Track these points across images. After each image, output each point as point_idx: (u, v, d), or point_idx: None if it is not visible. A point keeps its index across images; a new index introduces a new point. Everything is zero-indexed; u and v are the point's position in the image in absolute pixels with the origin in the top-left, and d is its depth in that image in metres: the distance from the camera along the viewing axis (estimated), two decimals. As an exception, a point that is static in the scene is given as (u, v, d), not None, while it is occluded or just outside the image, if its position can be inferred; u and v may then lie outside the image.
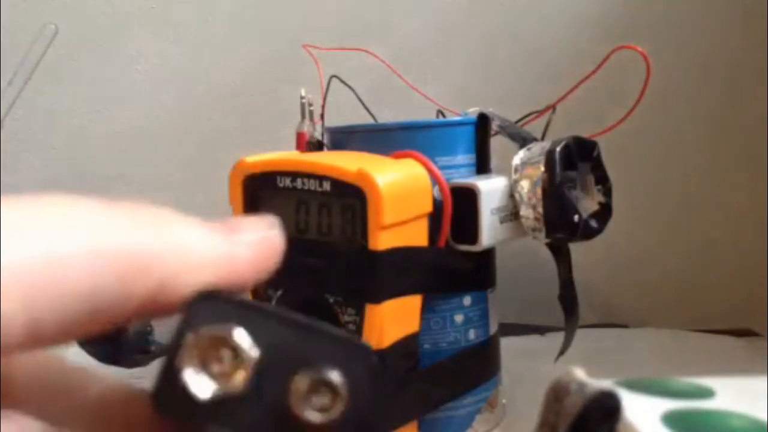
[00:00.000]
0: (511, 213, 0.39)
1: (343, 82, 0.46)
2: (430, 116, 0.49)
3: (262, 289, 0.40)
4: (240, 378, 0.14)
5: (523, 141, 0.41)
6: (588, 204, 0.40)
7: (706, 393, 0.17)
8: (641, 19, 0.64)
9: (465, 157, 0.40)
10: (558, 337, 0.45)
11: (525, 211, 0.38)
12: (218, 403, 0.14)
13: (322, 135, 0.44)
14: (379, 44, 0.64)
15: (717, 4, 0.64)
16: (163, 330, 0.66)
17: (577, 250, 0.42)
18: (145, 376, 0.55)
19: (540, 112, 0.43)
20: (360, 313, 0.36)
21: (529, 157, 0.39)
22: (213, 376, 0.14)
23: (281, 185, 0.38)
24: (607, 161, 0.41)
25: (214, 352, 0.14)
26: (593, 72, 0.40)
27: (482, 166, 0.41)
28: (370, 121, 0.48)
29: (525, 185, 0.38)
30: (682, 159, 0.66)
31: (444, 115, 0.48)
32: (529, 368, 0.49)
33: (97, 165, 0.66)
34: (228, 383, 0.14)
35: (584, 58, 0.59)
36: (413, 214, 0.36)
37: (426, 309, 0.38)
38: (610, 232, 0.40)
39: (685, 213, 0.66)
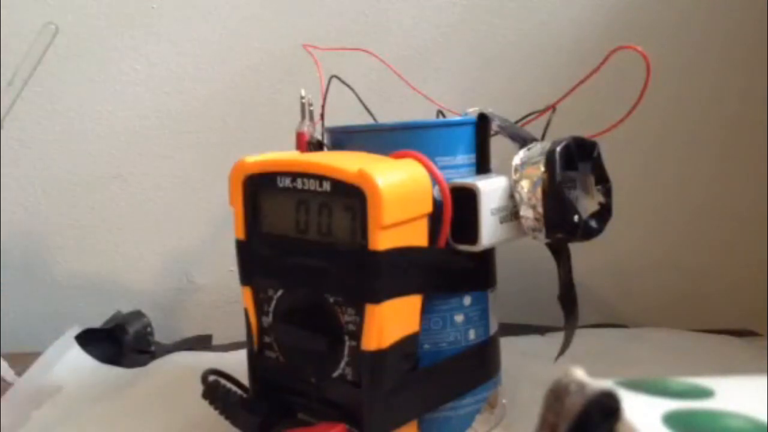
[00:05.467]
0: (511, 213, 0.39)
1: (343, 82, 0.46)
2: (430, 116, 0.49)
3: (263, 290, 0.40)
4: None
5: (523, 141, 0.41)
6: (588, 204, 0.40)
7: (706, 393, 0.17)
8: (641, 19, 0.64)
9: (465, 157, 0.40)
10: (558, 337, 0.45)
11: (525, 211, 0.38)
12: None
13: (322, 135, 0.44)
14: (379, 44, 0.64)
15: (717, 4, 0.64)
16: (163, 330, 0.66)
17: (578, 250, 0.42)
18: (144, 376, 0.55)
19: (540, 112, 0.43)
20: (360, 313, 0.36)
21: (529, 157, 0.39)
22: None
23: (281, 185, 0.38)
24: (607, 162, 0.41)
25: None
26: (593, 72, 0.40)
27: (482, 166, 0.41)
28: (370, 121, 0.48)
29: (525, 185, 0.38)
30: (682, 160, 0.66)
31: (444, 115, 0.48)
32: (529, 368, 0.49)
33: (97, 165, 0.66)
34: None
35: (584, 58, 0.59)
36: (413, 214, 0.36)
37: (426, 309, 0.38)
38: (610, 233, 0.40)
39: (685, 214, 0.66)
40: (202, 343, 0.65)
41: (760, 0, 0.63)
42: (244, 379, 0.42)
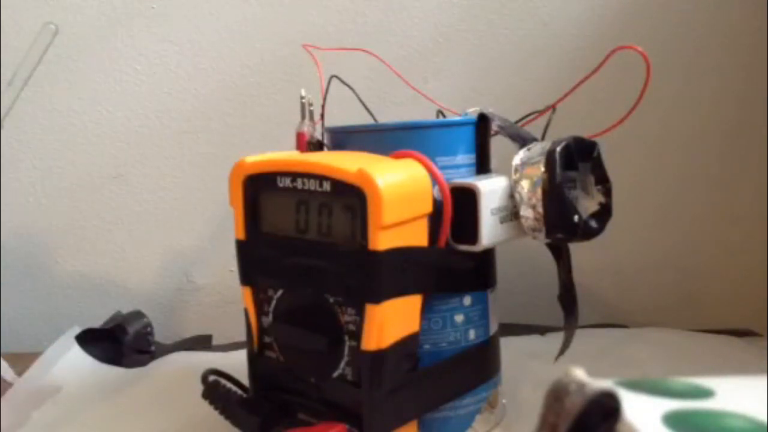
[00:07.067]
0: (511, 213, 0.39)
1: (343, 82, 0.46)
2: (430, 116, 0.49)
3: (263, 290, 0.40)
4: None
5: (523, 141, 0.41)
6: (588, 204, 0.40)
7: (706, 393, 0.17)
8: (641, 19, 0.64)
9: (465, 157, 0.40)
10: (558, 337, 0.45)
11: (525, 211, 0.38)
12: None
13: (322, 135, 0.45)
14: (379, 44, 0.64)
15: (717, 5, 0.64)
16: (163, 330, 0.66)
17: (578, 250, 0.42)
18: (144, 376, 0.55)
19: (540, 112, 0.43)
20: (360, 313, 0.36)
21: (529, 157, 0.39)
22: None
23: (281, 185, 0.38)
24: (607, 162, 0.41)
25: None
26: (593, 72, 0.40)
27: (482, 166, 0.41)
28: (370, 121, 0.48)
29: (525, 185, 0.38)
30: (682, 160, 0.66)
31: (444, 115, 0.48)
32: (529, 368, 0.49)
33: (97, 165, 0.66)
34: None
35: (584, 58, 0.59)
36: (413, 214, 0.36)
37: (426, 309, 0.38)
38: (610, 233, 0.40)
39: (685, 214, 0.66)
40: (202, 343, 0.65)
41: (760, 0, 0.63)
42: (244, 379, 0.42)
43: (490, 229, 0.38)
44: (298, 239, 0.38)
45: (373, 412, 0.36)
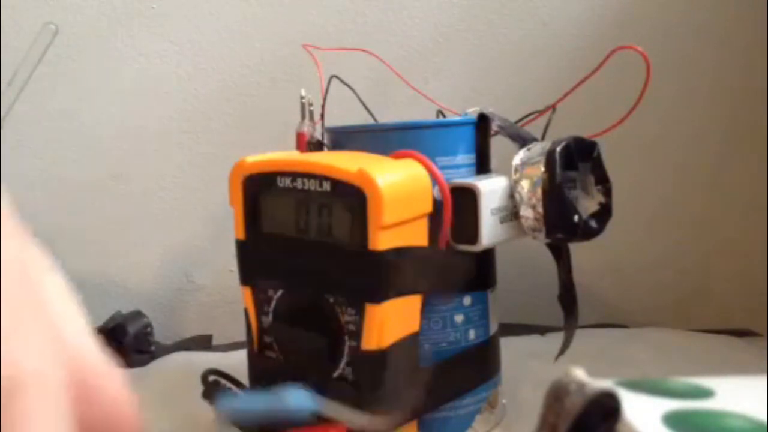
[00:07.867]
0: (511, 213, 0.39)
1: (343, 82, 0.46)
2: (430, 116, 0.49)
3: (263, 290, 0.40)
4: None
5: (523, 141, 0.41)
6: (588, 204, 0.40)
7: (706, 393, 0.17)
8: (641, 19, 0.64)
9: (465, 157, 0.40)
10: (558, 337, 0.45)
11: (525, 211, 0.38)
12: None
13: (322, 135, 0.44)
14: (379, 44, 0.64)
15: (717, 5, 0.64)
16: (163, 330, 0.66)
17: (578, 250, 0.42)
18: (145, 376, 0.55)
19: (540, 112, 0.43)
20: (360, 313, 0.36)
21: (529, 157, 0.39)
22: None
23: (281, 185, 0.38)
24: (607, 162, 0.41)
25: None
26: (593, 72, 0.40)
27: (482, 166, 0.41)
28: (370, 121, 0.48)
29: (525, 185, 0.38)
30: (682, 160, 0.66)
31: (444, 115, 0.48)
32: (529, 368, 0.49)
33: (97, 165, 0.66)
34: None
35: (584, 58, 0.59)
36: (413, 214, 0.36)
37: (426, 309, 0.38)
38: (610, 233, 0.40)
39: (685, 214, 0.66)
40: (202, 343, 0.65)
41: (760, 0, 0.63)
42: (244, 379, 0.42)
43: (490, 229, 0.38)
44: (298, 239, 0.38)
45: (373, 412, 0.36)
